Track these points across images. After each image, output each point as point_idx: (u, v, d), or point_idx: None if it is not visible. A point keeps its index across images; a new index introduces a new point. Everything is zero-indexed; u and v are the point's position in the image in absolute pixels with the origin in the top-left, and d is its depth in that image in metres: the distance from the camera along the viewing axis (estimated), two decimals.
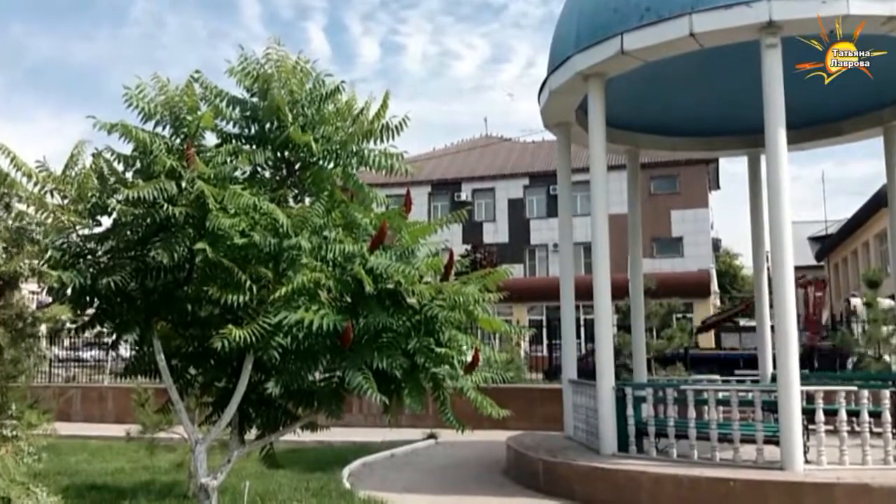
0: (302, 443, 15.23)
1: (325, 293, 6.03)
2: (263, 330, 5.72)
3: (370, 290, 5.92)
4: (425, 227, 6.62)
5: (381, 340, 6.22)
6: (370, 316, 6.06)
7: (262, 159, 6.36)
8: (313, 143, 6.22)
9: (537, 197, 45.07)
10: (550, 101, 13.35)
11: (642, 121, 15.44)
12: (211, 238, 5.86)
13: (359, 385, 5.88)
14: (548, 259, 43.94)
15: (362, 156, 6.57)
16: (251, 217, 5.99)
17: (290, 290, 5.73)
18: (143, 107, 6.13)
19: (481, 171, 46.58)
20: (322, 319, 5.82)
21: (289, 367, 6.04)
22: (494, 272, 6.69)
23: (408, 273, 6.01)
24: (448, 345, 6.37)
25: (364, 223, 6.46)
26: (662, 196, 41.19)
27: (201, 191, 5.63)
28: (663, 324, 21.67)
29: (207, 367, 6.65)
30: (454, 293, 6.18)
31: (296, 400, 6.74)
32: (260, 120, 6.51)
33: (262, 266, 5.96)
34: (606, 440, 10.92)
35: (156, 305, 6.38)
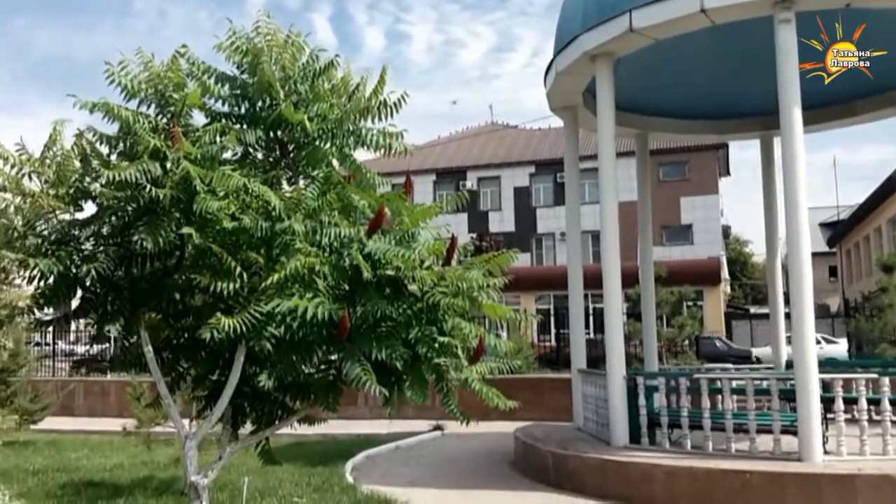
0: (305, 436, 14.98)
1: (322, 280, 5.69)
2: (255, 319, 5.39)
3: (368, 276, 5.58)
4: (427, 209, 6.27)
5: (381, 330, 5.88)
6: (368, 304, 5.72)
7: (254, 139, 6.01)
8: (307, 121, 5.87)
9: (544, 185, 44.64)
10: (557, 84, 12.95)
11: (652, 103, 15.03)
12: (199, 222, 5.52)
13: (357, 377, 5.54)
14: (555, 248, 43.55)
15: (359, 135, 6.22)
16: (241, 200, 5.66)
17: (282, 277, 5.40)
18: (126, 84, 5.78)
19: (487, 159, 46.15)
20: (317, 308, 5.48)
21: (283, 358, 5.71)
22: (499, 255, 6.33)
23: (408, 258, 5.67)
24: (451, 334, 6.02)
25: (361, 206, 6.12)
26: (672, 183, 40.70)
27: (187, 172, 5.28)
28: (674, 312, 21.30)
29: (198, 360, 6.33)
30: (457, 279, 5.83)
31: (292, 393, 6.41)
32: (250, 98, 6.17)
33: (253, 252, 5.61)
34: (618, 431, 10.60)
35: (143, 295, 6.05)
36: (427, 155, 45.65)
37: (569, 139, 14.48)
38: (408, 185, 6.47)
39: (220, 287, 5.46)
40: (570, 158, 14.33)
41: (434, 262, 6.13)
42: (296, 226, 5.47)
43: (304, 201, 5.69)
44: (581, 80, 12.75)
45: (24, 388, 16.39)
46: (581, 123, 14.36)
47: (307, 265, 5.40)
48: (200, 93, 5.94)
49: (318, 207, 5.70)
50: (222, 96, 6.19)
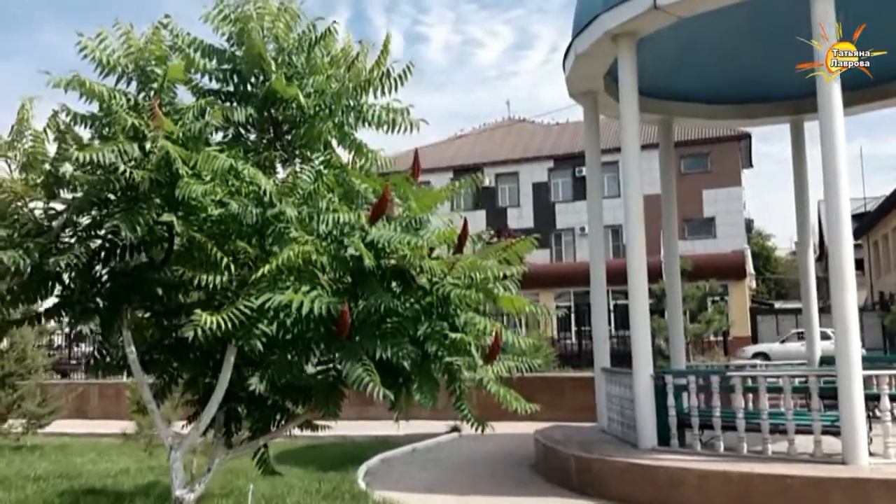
0: (320, 438, 14.49)
1: (320, 272, 5.14)
2: (243, 316, 4.84)
3: (370, 264, 5.02)
4: (436, 193, 5.70)
5: (386, 326, 5.33)
6: (371, 298, 5.16)
7: (243, 117, 5.46)
8: (301, 96, 5.31)
9: (562, 180, 43.89)
10: (576, 67, 12.31)
11: (676, 87, 14.35)
12: (183, 209, 4.99)
13: (358, 379, 4.99)
14: (574, 243, 42.83)
15: (360, 111, 5.66)
16: (230, 184, 5.12)
17: (273, 268, 4.85)
18: (103, 58, 5.25)
19: (504, 155, 45.47)
20: (313, 302, 4.94)
21: (276, 359, 5.17)
22: (518, 241, 5.76)
23: (415, 245, 5.10)
24: (464, 329, 5.46)
25: (363, 190, 5.56)
26: (693, 175, 39.82)
27: (167, 153, 4.74)
28: (700, 307, 20.60)
29: (187, 361, 5.80)
30: (470, 268, 5.26)
31: (290, 396, 5.87)
32: (240, 72, 5.63)
33: (244, 241, 5.07)
34: (645, 433, 9.96)
35: (126, 291, 5.53)
36: (444, 152, 45.07)
37: (589, 126, 13.83)
38: (416, 167, 5.90)
39: (207, 280, 4.92)
40: (590, 147, 13.70)
41: (445, 251, 5.57)
42: (288, 210, 4.92)
43: (299, 185, 5.14)
44: (602, 63, 12.11)
45: (33, 391, 16.01)
46: (602, 110, 13.71)
47: (301, 255, 4.84)
48: (185, 67, 5.40)
49: (314, 191, 5.14)
50: (209, 70, 5.64)
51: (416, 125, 5.76)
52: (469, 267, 5.29)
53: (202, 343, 5.10)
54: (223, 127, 5.65)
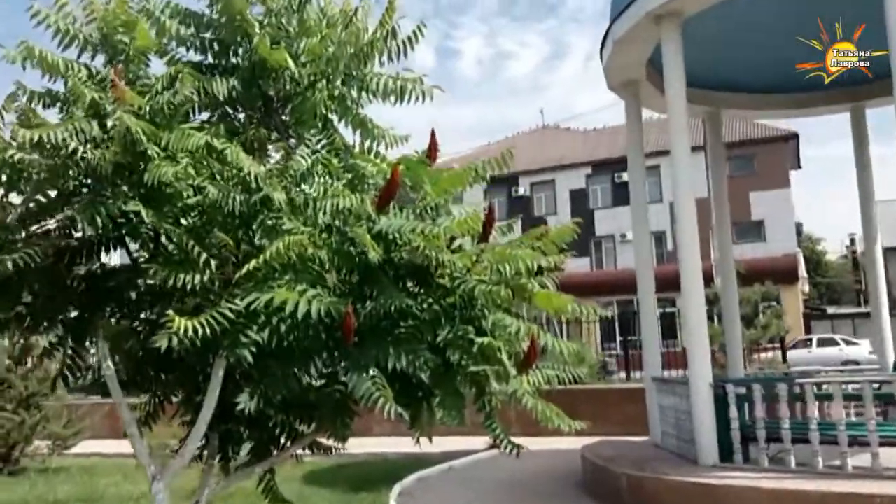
0: (352, 456, 13.73)
1: (320, 269, 4.33)
2: (227, 320, 4.04)
3: (376, 257, 4.21)
4: (457, 175, 4.87)
5: (400, 332, 4.50)
6: (380, 297, 4.33)
7: (225, 91, 4.68)
8: (290, 61, 4.52)
9: (601, 186, 42.77)
10: (615, 55, 11.39)
11: (723, 76, 13.35)
12: (156, 197, 4.23)
13: (366, 394, 4.15)
14: (615, 251, 41.62)
15: (362, 80, 4.86)
16: (209, 168, 4.35)
17: (261, 264, 4.05)
18: (61, 25, 4.52)
19: (540, 163, 44.49)
20: (311, 303, 4.12)
21: (270, 371, 4.36)
22: (556, 228, 4.91)
23: (430, 234, 4.27)
24: (493, 333, 4.60)
25: (371, 174, 4.76)
26: (739, 178, 38.25)
27: (127, 129, 3.97)
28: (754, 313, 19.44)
29: (172, 377, 5.01)
30: (497, 260, 4.42)
31: (294, 414, 5.06)
32: (224, 41, 4.86)
33: (231, 233, 4.29)
34: (705, 448, 8.98)
35: (102, 296, 4.78)
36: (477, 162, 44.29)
37: (631, 120, 12.86)
38: (432, 147, 5.08)
39: (184, 281, 4.14)
40: (633, 142, 12.74)
41: (470, 244, 4.74)
42: (276, 195, 4.12)
43: (291, 166, 4.35)
44: (643, 49, 11.17)
45: (59, 412, 15.50)
46: (645, 102, 12.77)
47: (294, 248, 4.03)
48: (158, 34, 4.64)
49: (308, 173, 4.34)
50: (185, 38, 4.85)
51: (430, 93, 4.94)
52: (496, 258, 4.44)
53: (184, 355, 4.33)
54: (206, 105, 4.89)
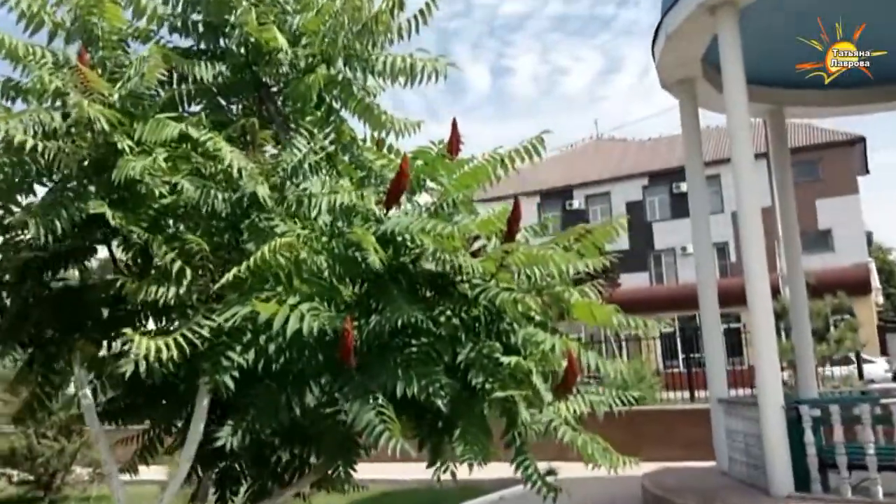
0: (398, 482, 13.08)
1: (318, 276, 3.70)
2: (205, 340, 3.42)
3: (377, 261, 3.55)
4: (479, 166, 4.17)
5: (411, 351, 3.82)
6: (386, 310, 3.66)
7: (210, 74, 4.10)
8: (282, 38, 3.91)
9: (659, 197, 41.39)
10: (668, 50, 10.57)
11: (784, 70, 12.37)
12: (130, 198, 3.66)
13: (369, 426, 3.47)
14: (675, 264, 40.14)
15: (366, 59, 4.23)
16: (191, 162, 3.76)
17: (245, 272, 3.43)
18: (24, 7, 3.97)
19: (594, 175, 43.39)
20: (303, 318, 3.47)
21: (257, 401, 3.71)
22: (599, 227, 4.19)
23: (444, 234, 3.59)
24: (524, 351, 3.89)
25: (379, 168, 4.13)
26: (803, 185, 36.48)
27: (91, 119, 3.41)
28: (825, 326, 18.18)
29: (156, 406, 4.40)
30: (526, 262, 3.71)
31: (297, 445, 4.39)
32: (211, 22, 4.28)
33: (216, 238, 3.69)
34: (778, 476, 8.07)
35: (81, 313, 4.21)
36: (529, 176, 43.39)
37: (687, 121, 11.95)
38: (453, 141, 4.41)
39: (156, 295, 3.54)
40: (690, 143, 11.86)
41: (492, 244, 4.05)
42: (259, 190, 3.50)
43: (284, 159, 3.74)
44: (698, 43, 10.33)
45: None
46: (702, 102, 11.88)
47: (280, 250, 3.40)
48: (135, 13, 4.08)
49: (299, 167, 3.72)
50: (161, 16, 4.26)
51: (443, 71, 4.27)
52: (525, 261, 3.73)
53: (160, 382, 3.73)
54: (195, 96, 4.32)
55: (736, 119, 9.14)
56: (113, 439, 13.83)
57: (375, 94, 4.47)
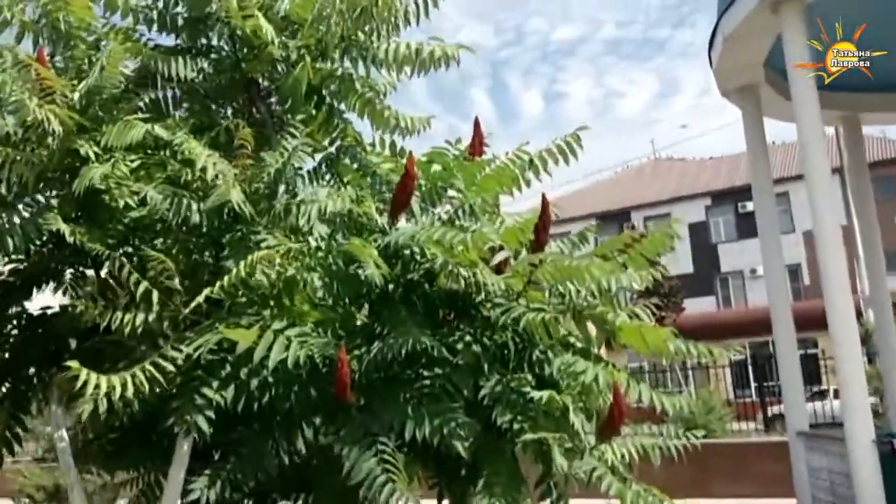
0: None
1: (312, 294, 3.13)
2: (171, 373, 2.86)
3: (377, 276, 2.96)
4: (501, 168, 3.55)
5: (423, 384, 3.20)
6: (393, 334, 3.06)
7: (190, 71, 3.59)
8: (268, 28, 3.38)
9: (723, 218, 39.84)
10: (727, 54, 9.73)
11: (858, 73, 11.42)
12: (96, 212, 3.16)
13: (369, 476, 2.86)
14: (744, 287, 38.44)
15: (365, 48, 3.67)
16: (168, 171, 3.26)
17: (218, 293, 2.88)
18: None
19: (653, 196, 42.07)
20: (289, 347, 2.90)
21: (239, 446, 3.14)
22: (649, 236, 3.53)
23: (454, 242, 2.99)
24: (560, 384, 3.24)
25: (385, 172, 3.56)
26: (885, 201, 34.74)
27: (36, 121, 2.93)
28: None
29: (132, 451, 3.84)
30: (557, 275, 3.08)
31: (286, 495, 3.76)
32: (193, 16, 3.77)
33: (189, 255, 3.16)
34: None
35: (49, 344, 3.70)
36: (585, 198, 42.39)
37: (750, 132, 10.97)
38: (476, 140, 3.82)
39: (123, 322, 3.01)
40: (755, 155, 10.86)
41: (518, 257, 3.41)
42: (233, 195, 2.95)
43: (268, 161, 3.20)
44: (760, 45, 9.46)
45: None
46: (767, 111, 10.96)
47: (258, 266, 2.84)
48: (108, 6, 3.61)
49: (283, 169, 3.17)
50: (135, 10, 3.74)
51: (454, 56, 3.69)
52: (555, 275, 3.09)
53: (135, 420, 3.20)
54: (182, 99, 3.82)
55: (807, 126, 8.26)
56: None
57: (385, 92, 3.91)
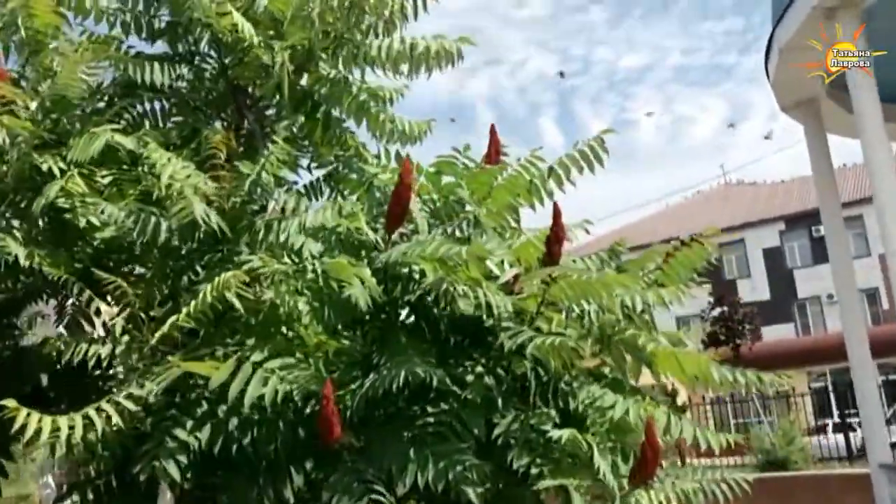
0: None
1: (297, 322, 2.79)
2: (122, 414, 2.54)
3: (364, 298, 2.61)
4: (515, 175, 3.16)
5: (427, 422, 2.81)
6: (388, 364, 2.69)
7: (166, 79, 3.30)
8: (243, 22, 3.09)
9: (798, 242, 38.31)
10: (783, 66, 9.16)
11: None
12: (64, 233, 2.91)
13: None
14: (823, 313, 36.73)
15: (355, 45, 3.33)
16: (141, 186, 2.99)
17: (185, 321, 2.56)
18: None
19: (725, 222, 40.71)
20: (267, 381, 2.56)
21: (219, 494, 2.79)
22: (684, 250, 3.08)
23: (446, 255, 2.61)
24: (583, 421, 2.80)
25: (383, 183, 3.22)
26: None
27: None
28: None
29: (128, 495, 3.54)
30: (576, 293, 2.66)
31: None
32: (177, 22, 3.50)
33: (164, 280, 2.87)
34: None
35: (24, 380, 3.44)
36: (654, 225, 41.33)
37: (813, 147, 10.29)
38: (492, 147, 3.45)
39: (89, 353, 2.72)
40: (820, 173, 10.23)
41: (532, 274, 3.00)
42: (196, 209, 2.64)
43: (243, 172, 2.89)
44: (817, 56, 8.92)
45: None
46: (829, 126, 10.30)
47: (223, 289, 2.51)
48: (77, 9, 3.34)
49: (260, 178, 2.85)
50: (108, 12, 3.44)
51: (454, 52, 3.32)
52: (575, 292, 2.67)
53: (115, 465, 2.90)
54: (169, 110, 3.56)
55: (871, 140, 7.64)
56: None
57: (391, 99, 3.57)
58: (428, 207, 3.32)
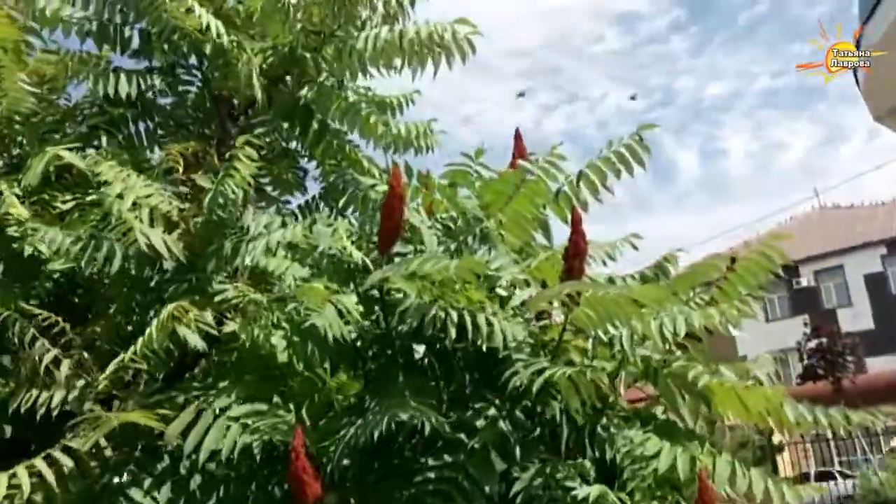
0: None
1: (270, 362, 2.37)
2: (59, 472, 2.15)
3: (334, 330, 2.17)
4: (534, 186, 2.67)
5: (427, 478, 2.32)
6: (374, 409, 2.23)
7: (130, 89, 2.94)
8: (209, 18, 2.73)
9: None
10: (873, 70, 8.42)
11: None
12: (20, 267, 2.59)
13: None
14: None
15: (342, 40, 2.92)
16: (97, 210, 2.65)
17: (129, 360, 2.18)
18: None
19: (821, 248, 38.75)
20: (228, 430, 2.13)
21: None
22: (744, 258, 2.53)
23: (435, 271, 2.15)
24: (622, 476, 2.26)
25: (379, 196, 2.80)
26: None
27: None
28: None
29: None
30: (604, 314, 2.15)
31: None
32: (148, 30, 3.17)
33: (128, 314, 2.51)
34: None
35: None
36: None
37: None
38: (517, 151, 2.99)
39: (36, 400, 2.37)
40: None
41: None
42: (140, 237, 2.25)
43: (221, 183, 2.51)
44: None
45: None
46: None
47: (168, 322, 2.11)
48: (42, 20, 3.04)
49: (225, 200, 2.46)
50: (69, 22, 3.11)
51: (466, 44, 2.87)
52: (598, 312, 2.16)
53: None
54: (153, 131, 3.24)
55: None
56: None
57: (399, 107, 3.16)
58: (444, 227, 2.88)
